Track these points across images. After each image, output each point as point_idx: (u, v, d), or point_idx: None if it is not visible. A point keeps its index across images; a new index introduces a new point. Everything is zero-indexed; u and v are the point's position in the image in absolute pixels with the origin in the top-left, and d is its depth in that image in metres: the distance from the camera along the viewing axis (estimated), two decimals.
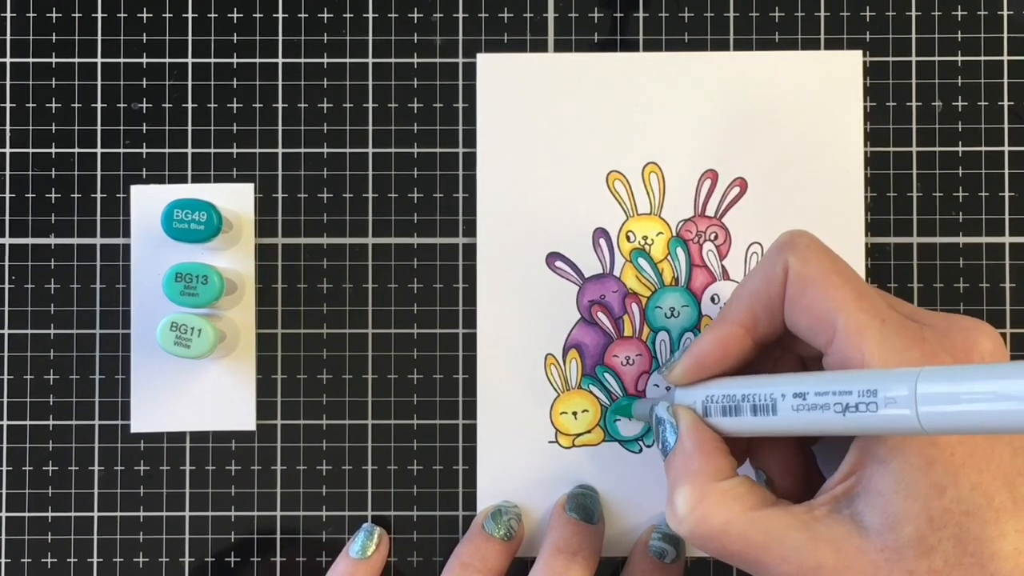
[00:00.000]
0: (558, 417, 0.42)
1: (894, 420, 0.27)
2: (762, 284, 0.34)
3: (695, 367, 0.35)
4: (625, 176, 0.42)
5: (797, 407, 0.30)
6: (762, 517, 0.31)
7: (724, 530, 0.32)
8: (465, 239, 0.42)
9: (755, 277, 0.34)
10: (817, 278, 0.32)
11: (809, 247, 0.33)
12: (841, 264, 0.33)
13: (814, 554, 0.30)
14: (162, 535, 0.42)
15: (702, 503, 0.32)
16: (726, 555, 0.32)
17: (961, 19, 0.42)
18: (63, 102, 0.43)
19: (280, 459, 0.42)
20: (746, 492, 0.32)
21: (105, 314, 0.42)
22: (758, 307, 0.34)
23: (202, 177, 0.43)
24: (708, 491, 0.32)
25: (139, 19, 0.43)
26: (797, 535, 0.31)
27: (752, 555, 0.31)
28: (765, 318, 0.34)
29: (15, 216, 0.42)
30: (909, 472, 0.30)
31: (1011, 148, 0.42)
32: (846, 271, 0.33)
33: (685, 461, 0.34)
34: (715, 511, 0.32)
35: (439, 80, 0.43)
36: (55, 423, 0.42)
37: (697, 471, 0.33)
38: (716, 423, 0.34)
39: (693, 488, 0.33)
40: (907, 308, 0.34)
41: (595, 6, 0.43)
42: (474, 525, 0.41)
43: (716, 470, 0.33)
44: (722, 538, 0.32)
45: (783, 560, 0.31)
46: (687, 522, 0.32)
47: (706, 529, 0.32)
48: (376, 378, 0.42)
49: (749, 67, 0.42)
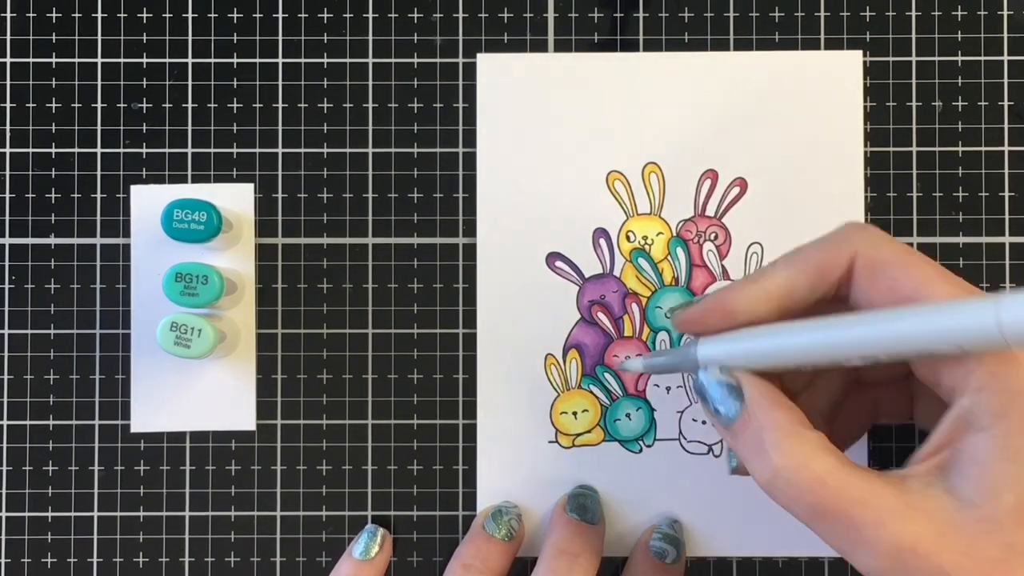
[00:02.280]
0: (558, 417, 0.42)
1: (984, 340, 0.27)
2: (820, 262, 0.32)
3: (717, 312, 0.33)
4: (625, 176, 0.42)
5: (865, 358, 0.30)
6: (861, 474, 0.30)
7: (824, 480, 0.30)
8: (465, 239, 0.42)
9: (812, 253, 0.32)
10: (894, 259, 0.31)
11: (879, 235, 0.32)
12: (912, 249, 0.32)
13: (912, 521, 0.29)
14: (162, 535, 0.42)
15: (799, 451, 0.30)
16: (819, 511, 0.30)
17: (961, 19, 0.42)
18: (63, 102, 0.43)
19: (280, 459, 0.42)
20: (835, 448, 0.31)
21: (105, 314, 0.42)
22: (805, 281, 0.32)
23: (202, 177, 0.43)
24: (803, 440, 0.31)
25: (139, 19, 0.43)
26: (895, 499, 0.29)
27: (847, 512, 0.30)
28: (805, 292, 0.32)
29: (15, 216, 0.42)
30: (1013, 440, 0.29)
31: (1011, 148, 0.42)
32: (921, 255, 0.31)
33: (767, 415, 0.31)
34: (813, 459, 0.30)
35: (439, 80, 0.43)
36: (55, 423, 0.42)
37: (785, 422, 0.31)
38: None
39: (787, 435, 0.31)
40: None
41: (595, 6, 0.43)
42: (475, 526, 0.41)
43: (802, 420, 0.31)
44: (819, 490, 0.30)
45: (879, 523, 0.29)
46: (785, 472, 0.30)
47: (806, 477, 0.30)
48: (376, 378, 0.42)
49: (749, 67, 0.42)
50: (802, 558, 0.42)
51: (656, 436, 0.42)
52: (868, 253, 0.32)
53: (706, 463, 0.42)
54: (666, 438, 0.42)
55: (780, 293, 0.32)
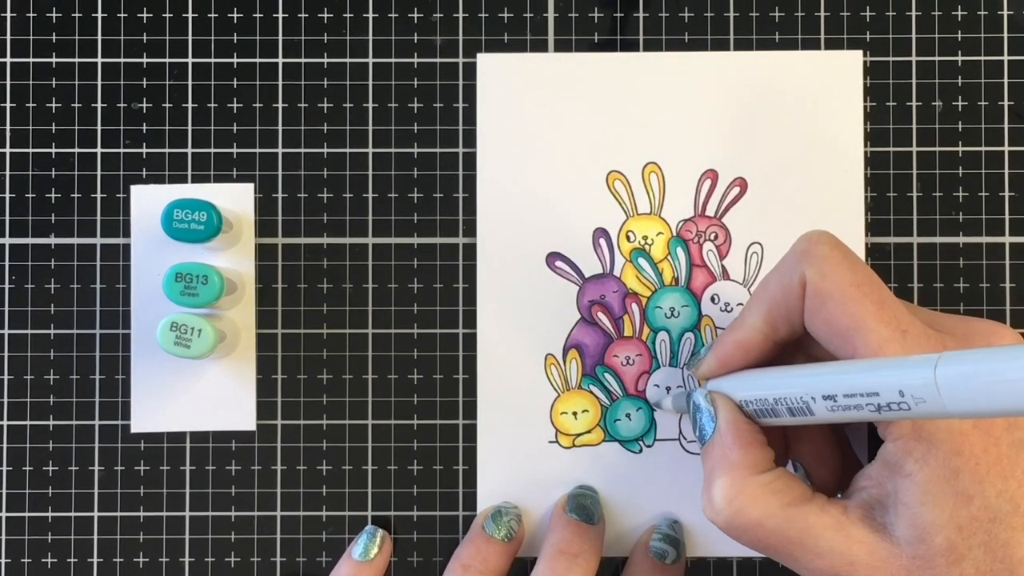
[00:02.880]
0: (558, 417, 0.42)
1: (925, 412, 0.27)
2: (779, 293, 0.33)
3: (720, 366, 0.36)
4: (625, 176, 0.42)
5: (831, 408, 0.30)
6: (799, 514, 0.32)
7: (760, 523, 0.32)
8: (465, 239, 0.42)
9: (772, 284, 0.34)
10: (835, 293, 0.32)
11: (827, 258, 0.32)
12: (861, 273, 0.32)
13: (848, 553, 0.31)
14: (162, 535, 0.42)
15: (740, 495, 0.32)
16: (760, 547, 0.33)
17: (961, 19, 0.42)
18: (63, 102, 0.43)
19: (280, 459, 0.42)
20: (784, 486, 0.33)
21: (105, 314, 0.42)
22: (777, 315, 0.34)
23: (202, 177, 0.43)
24: (746, 484, 0.33)
25: (139, 19, 0.43)
26: (832, 535, 0.31)
27: (786, 549, 0.32)
28: (784, 325, 0.34)
29: (15, 216, 0.42)
30: (935, 483, 0.30)
31: (1011, 148, 0.42)
32: (865, 281, 0.32)
33: (723, 452, 0.33)
34: (752, 504, 0.32)
35: (439, 80, 0.43)
36: (55, 423, 0.42)
37: (736, 463, 0.33)
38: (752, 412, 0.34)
39: (732, 480, 0.33)
40: (926, 315, 0.34)
41: (595, 6, 0.43)
42: (474, 526, 0.41)
43: (755, 462, 0.33)
44: (758, 531, 0.32)
45: (817, 556, 0.31)
46: (724, 513, 0.33)
47: (743, 521, 0.32)
48: (376, 378, 0.42)
49: (749, 67, 0.42)
50: None
51: (656, 436, 0.42)
52: (814, 281, 0.32)
53: None
54: (666, 438, 0.42)
55: (757, 340, 0.35)
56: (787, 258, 0.34)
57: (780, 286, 0.33)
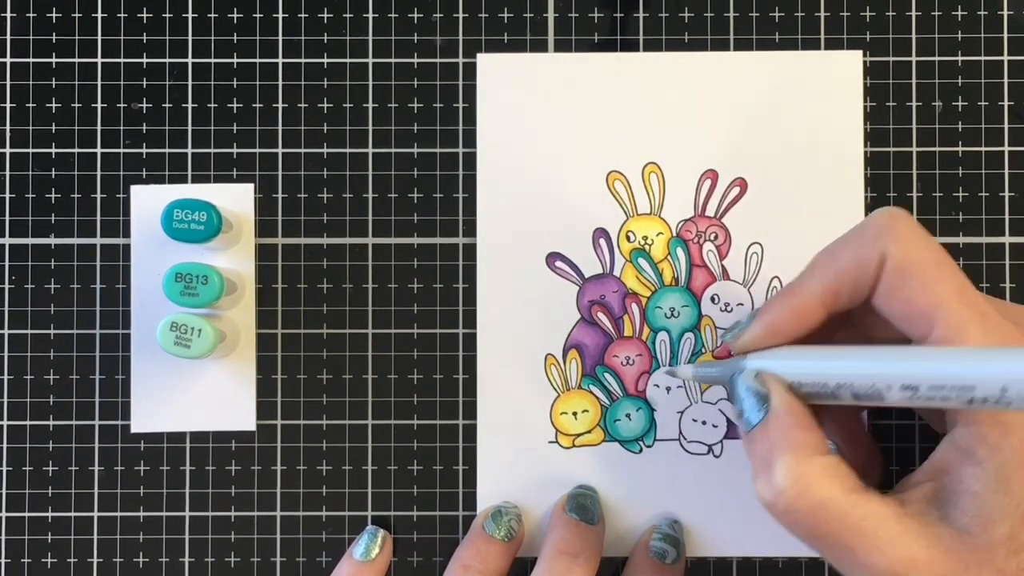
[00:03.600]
0: (558, 417, 0.42)
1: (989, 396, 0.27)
2: (853, 266, 0.32)
3: (767, 334, 0.34)
4: (625, 176, 0.42)
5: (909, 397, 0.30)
6: (862, 502, 0.31)
7: (824, 507, 0.31)
8: (465, 239, 0.42)
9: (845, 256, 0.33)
10: (919, 271, 0.31)
11: (910, 236, 0.32)
12: (942, 253, 0.32)
13: (909, 547, 0.30)
14: (162, 535, 0.42)
15: (806, 476, 0.31)
16: (817, 535, 0.31)
17: (961, 19, 0.42)
18: (63, 102, 0.43)
19: (280, 459, 0.42)
20: (845, 473, 0.31)
21: (105, 314, 0.42)
22: (844, 287, 0.33)
23: (202, 177, 0.43)
24: (811, 465, 0.31)
25: (139, 19, 0.43)
26: (894, 526, 0.30)
27: (845, 539, 0.30)
28: (847, 298, 0.33)
29: (15, 216, 0.42)
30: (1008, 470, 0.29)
31: (1011, 148, 0.42)
32: (947, 262, 0.31)
33: (783, 433, 0.32)
34: (818, 485, 0.31)
35: (439, 80, 0.43)
36: (55, 423, 0.42)
37: (800, 442, 0.32)
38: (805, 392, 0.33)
39: (797, 459, 0.31)
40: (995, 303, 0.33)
41: (595, 6, 0.43)
42: (474, 526, 0.41)
43: (816, 444, 0.32)
44: (819, 515, 0.31)
45: (876, 549, 0.30)
46: (787, 494, 0.31)
47: (806, 503, 0.31)
48: (376, 378, 0.42)
49: (749, 67, 0.42)
50: (802, 558, 0.42)
51: (656, 436, 0.42)
52: (896, 257, 0.31)
53: (706, 463, 0.42)
54: (666, 438, 0.42)
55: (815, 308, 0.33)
56: (864, 231, 0.32)
57: (855, 259, 0.32)
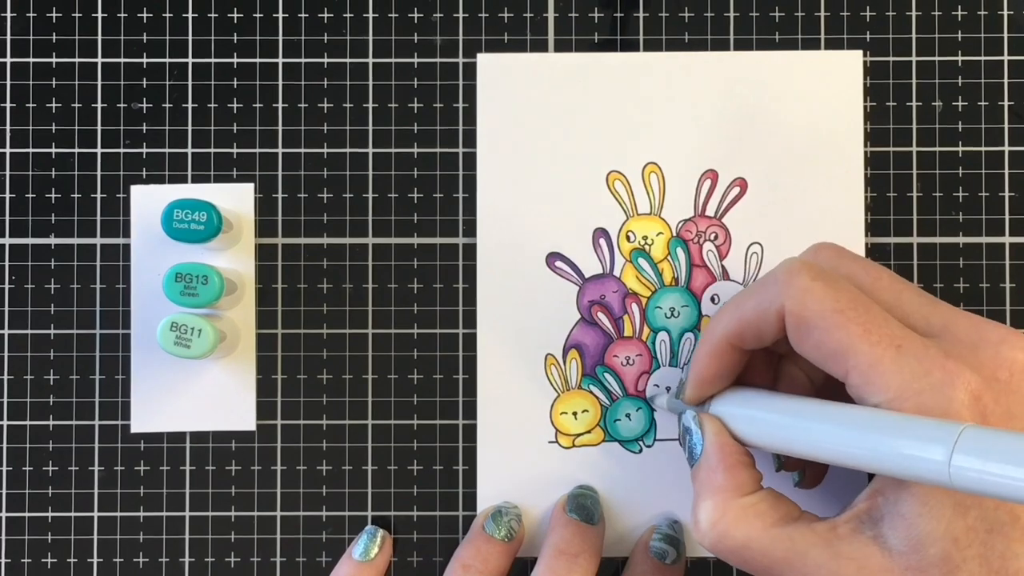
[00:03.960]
0: (558, 417, 0.42)
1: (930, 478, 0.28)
2: (754, 316, 0.33)
3: (699, 385, 0.36)
4: (625, 176, 0.42)
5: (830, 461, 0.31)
6: (783, 534, 0.32)
7: (746, 545, 0.32)
8: (465, 239, 0.42)
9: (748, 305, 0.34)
10: (818, 321, 0.32)
11: (807, 290, 0.32)
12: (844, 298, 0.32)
13: (836, 572, 0.31)
14: (162, 535, 0.42)
15: (723, 518, 0.33)
16: (749, 568, 0.33)
17: (961, 19, 0.42)
18: (63, 102, 0.43)
19: (280, 459, 0.42)
20: (768, 508, 0.33)
21: (105, 314, 0.42)
22: (747, 333, 0.34)
23: (202, 177, 0.43)
24: (729, 507, 0.33)
25: (139, 19, 0.43)
26: (819, 552, 0.31)
27: (775, 570, 0.32)
28: (753, 340, 0.34)
29: (15, 216, 0.42)
30: (933, 494, 0.30)
31: (1011, 148, 0.42)
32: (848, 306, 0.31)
33: (709, 475, 0.34)
34: (736, 527, 0.32)
35: (439, 80, 0.43)
36: (55, 423, 0.42)
37: (720, 486, 0.33)
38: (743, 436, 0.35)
39: (715, 503, 0.33)
40: (943, 314, 0.33)
41: (595, 6, 0.43)
42: (474, 526, 0.41)
43: (739, 485, 0.33)
44: (743, 553, 0.32)
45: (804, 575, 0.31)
46: (708, 536, 0.33)
47: (727, 545, 0.33)
48: (376, 378, 0.42)
49: (749, 67, 0.42)
50: None
51: (656, 436, 0.42)
52: (793, 310, 0.32)
53: None
54: (666, 438, 0.42)
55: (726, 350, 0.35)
56: (765, 284, 0.33)
57: (755, 309, 0.33)
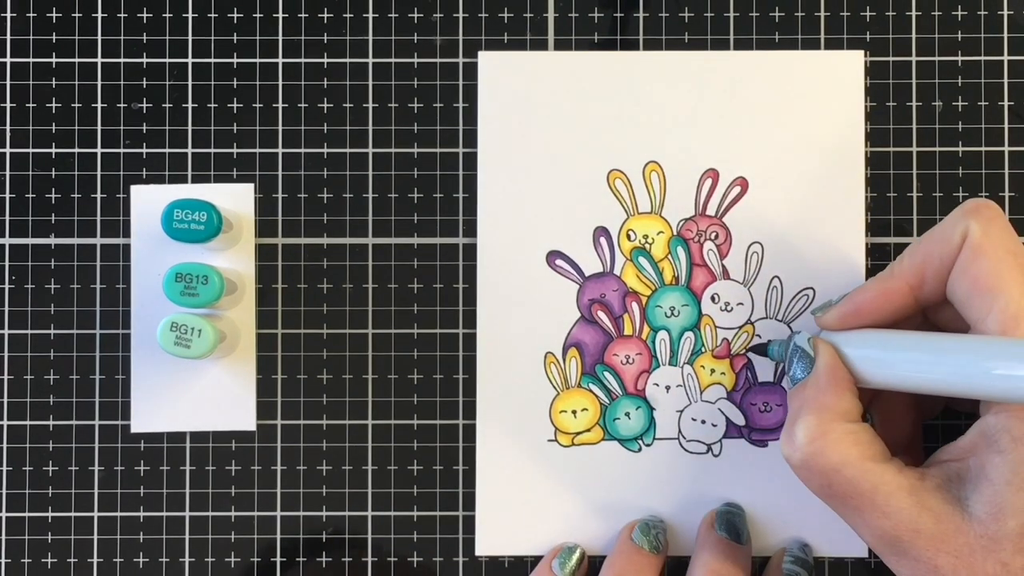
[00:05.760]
0: (557, 415, 0.42)
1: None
2: (937, 245, 0.34)
3: (852, 314, 0.36)
4: (626, 175, 0.42)
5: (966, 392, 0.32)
6: (876, 470, 0.32)
7: (837, 470, 0.32)
8: (465, 239, 0.42)
9: (932, 237, 0.34)
10: (991, 251, 0.32)
11: (993, 219, 0.33)
12: (1018, 245, 0.33)
13: (916, 519, 0.31)
14: (162, 535, 0.42)
15: (823, 438, 0.33)
16: (828, 494, 0.33)
17: (961, 19, 0.42)
18: (63, 102, 0.43)
19: (280, 459, 0.42)
20: (867, 440, 0.33)
21: (105, 314, 0.42)
22: (929, 268, 0.34)
23: (202, 177, 0.43)
24: (832, 427, 0.33)
25: (139, 19, 0.43)
26: (904, 498, 0.31)
27: (854, 502, 0.32)
28: (933, 280, 0.34)
29: (15, 216, 0.42)
30: None
31: (1011, 148, 0.42)
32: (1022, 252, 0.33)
33: (816, 393, 0.34)
34: (834, 449, 0.32)
35: (439, 80, 0.43)
36: (55, 423, 0.42)
37: (826, 405, 0.33)
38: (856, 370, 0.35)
39: (819, 421, 0.33)
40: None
41: (595, 6, 0.43)
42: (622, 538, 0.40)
43: (845, 410, 0.33)
44: (832, 476, 0.32)
45: (884, 516, 0.31)
46: (802, 451, 0.33)
47: (819, 464, 0.32)
48: (376, 378, 0.42)
49: (749, 67, 0.42)
50: None
51: (655, 435, 0.42)
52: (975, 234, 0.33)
53: (705, 462, 0.42)
54: (665, 437, 0.42)
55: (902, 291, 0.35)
56: (952, 214, 0.34)
57: (941, 235, 0.34)
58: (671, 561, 0.41)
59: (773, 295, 0.42)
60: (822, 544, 0.41)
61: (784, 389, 0.41)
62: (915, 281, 0.34)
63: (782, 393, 0.42)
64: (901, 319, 0.36)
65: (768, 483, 0.41)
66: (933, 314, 0.36)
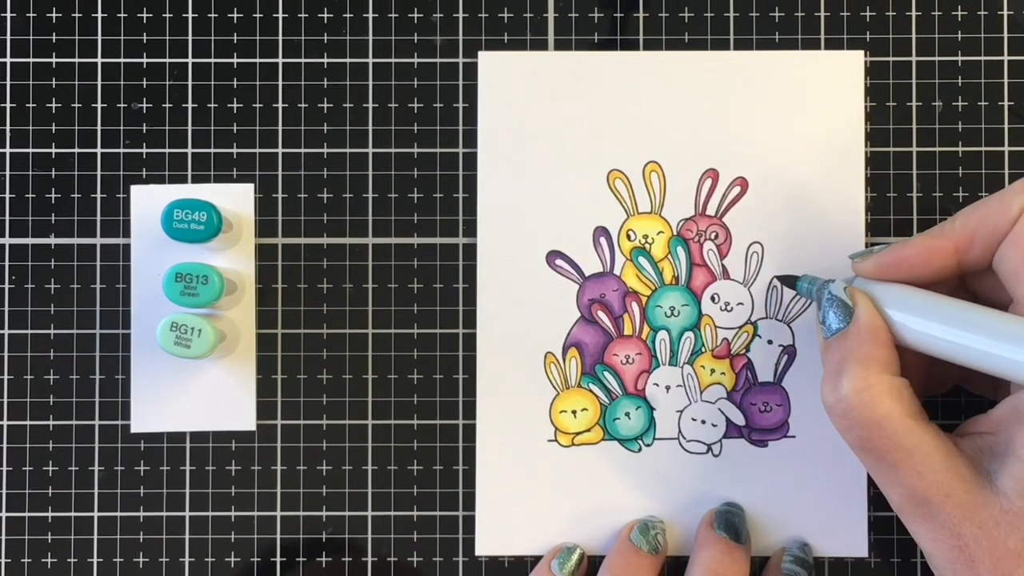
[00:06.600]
0: (557, 415, 0.42)
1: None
2: (994, 213, 0.33)
3: (893, 264, 0.35)
4: (626, 175, 0.42)
5: None
6: (917, 427, 0.32)
7: (879, 423, 0.32)
8: (465, 239, 0.42)
9: (990, 204, 0.33)
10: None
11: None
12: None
13: (949, 483, 0.31)
14: (162, 535, 0.42)
15: (870, 389, 0.32)
16: (865, 447, 0.33)
17: (961, 19, 0.42)
18: (63, 102, 0.43)
19: (280, 459, 0.42)
20: (908, 397, 0.33)
21: (105, 314, 0.42)
22: (980, 232, 0.33)
23: (202, 177, 0.43)
24: (879, 380, 0.32)
25: (139, 19, 0.43)
26: (941, 461, 0.31)
27: (892, 457, 0.32)
28: (981, 245, 0.34)
29: (15, 216, 0.42)
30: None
31: (1011, 148, 0.42)
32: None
33: (860, 345, 0.33)
34: (880, 402, 0.32)
35: (439, 80, 0.43)
36: (55, 423, 0.42)
37: (873, 357, 0.33)
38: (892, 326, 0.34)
39: (866, 373, 0.33)
40: None
41: (595, 6, 0.43)
42: (620, 538, 0.40)
43: (889, 363, 0.33)
44: (874, 429, 0.32)
45: (918, 475, 0.31)
46: (847, 402, 0.32)
47: (864, 415, 0.32)
48: (376, 378, 0.42)
49: (749, 67, 0.42)
50: None
51: (655, 435, 0.42)
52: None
53: (705, 462, 0.42)
54: (665, 437, 0.42)
55: (947, 250, 0.34)
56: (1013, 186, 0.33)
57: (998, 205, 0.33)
58: (671, 561, 0.41)
59: (773, 295, 0.42)
60: (822, 544, 0.41)
61: (784, 389, 0.41)
62: (963, 244, 0.34)
63: (782, 393, 0.42)
64: (939, 280, 0.35)
65: (768, 483, 0.41)
66: (971, 281, 0.36)
